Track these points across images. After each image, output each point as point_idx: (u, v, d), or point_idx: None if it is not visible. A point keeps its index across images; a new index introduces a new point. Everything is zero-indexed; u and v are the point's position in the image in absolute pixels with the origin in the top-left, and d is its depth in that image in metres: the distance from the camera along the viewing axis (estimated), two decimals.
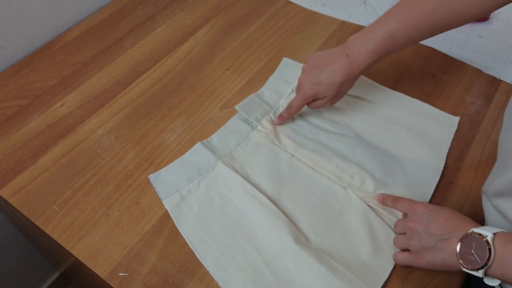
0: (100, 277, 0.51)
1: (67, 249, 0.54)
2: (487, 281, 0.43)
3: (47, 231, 0.55)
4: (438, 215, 0.48)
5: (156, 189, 0.58)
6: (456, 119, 0.67)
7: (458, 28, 0.83)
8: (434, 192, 0.59)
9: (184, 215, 0.55)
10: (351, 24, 0.84)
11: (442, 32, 0.56)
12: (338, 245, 0.53)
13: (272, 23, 0.84)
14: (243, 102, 0.67)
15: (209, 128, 0.66)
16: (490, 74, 0.74)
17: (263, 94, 0.70)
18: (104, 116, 0.68)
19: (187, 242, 0.53)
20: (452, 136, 0.65)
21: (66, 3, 0.81)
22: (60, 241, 0.54)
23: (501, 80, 0.74)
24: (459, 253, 0.44)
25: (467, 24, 0.85)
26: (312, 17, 0.86)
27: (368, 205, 0.57)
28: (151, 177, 0.59)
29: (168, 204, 0.56)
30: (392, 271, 0.52)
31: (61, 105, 0.69)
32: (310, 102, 0.62)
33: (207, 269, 0.51)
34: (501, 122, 0.67)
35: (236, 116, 0.66)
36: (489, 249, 0.41)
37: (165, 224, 0.56)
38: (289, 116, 0.64)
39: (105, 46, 0.79)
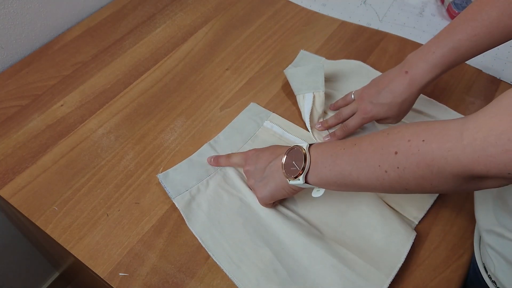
0: (100, 277, 0.51)
1: (67, 249, 0.54)
2: (314, 194, 0.49)
3: (47, 231, 0.55)
4: (265, 151, 0.54)
5: (165, 188, 0.58)
6: None
7: None
8: None
9: (195, 213, 0.56)
10: (351, 24, 0.84)
11: (509, 40, 0.53)
12: (350, 235, 0.54)
13: (272, 23, 0.84)
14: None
15: (209, 128, 0.66)
16: (490, 74, 0.74)
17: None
18: (104, 116, 0.68)
19: (199, 240, 0.54)
20: None
21: (66, 3, 0.81)
22: (60, 241, 0.54)
23: (501, 80, 0.74)
24: (284, 165, 0.48)
25: None
26: (312, 17, 0.86)
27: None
28: (160, 176, 0.59)
29: (178, 203, 0.56)
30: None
31: (61, 105, 0.69)
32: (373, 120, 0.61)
33: (221, 266, 0.51)
34: None
35: (241, 115, 0.67)
36: (305, 156, 0.46)
37: (165, 224, 0.56)
38: (344, 135, 0.62)
39: (105, 46, 0.79)
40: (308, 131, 0.64)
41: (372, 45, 0.80)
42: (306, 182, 0.47)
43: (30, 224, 0.59)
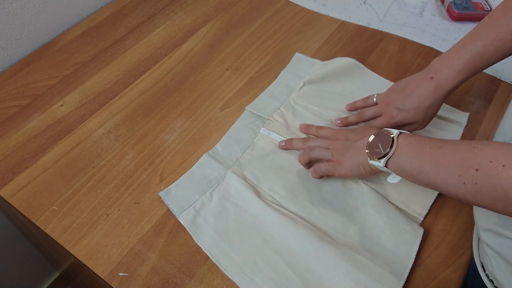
0: (100, 277, 0.51)
1: (67, 249, 0.54)
2: (390, 179, 0.51)
3: (47, 231, 0.55)
4: (356, 130, 0.58)
5: (168, 206, 0.57)
6: (466, 115, 0.68)
7: (458, 28, 0.84)
8: None
9: (202, 229, 0.55)
10: (351, 24, 0.84)
11: None
12: (359, 238, 0.54)
13: (272, 23, 0.84)
14: (253, 103, 0.69)
15: (209, 128, 0.66)
16: (490, 74, 0.74)
17: (274, 90, 0.71)
18: (104, 116, 0.68)
19: (209, 256, 0.53)
20: (461, 132, 0.65)
21: (66, 3, 0.81)
22: (60, 241, 0.54)
23: (501, 80, 0.74)
24: (369, 144, 0.51)
25: (467, 24, 0.85)
26: (312, 17, 0.86)
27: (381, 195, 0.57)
28: (162, 194, 0.58)
29: (184, 220, 0.55)
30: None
31: (61, 105, 0.69)
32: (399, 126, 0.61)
33: (234, 281, 0.51)
34: (501, 122, 0.68)
35: (237, 124, 0.66)
36: (392, 142, 0.48)
37: (165, 224, 0.56)
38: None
39: (105, 46, 0.79)
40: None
41: (372, 45, 0.80)
42: (385, 166, 0.49)
43: (30, 224, 0.59)
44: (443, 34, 0.83)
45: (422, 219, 0.56)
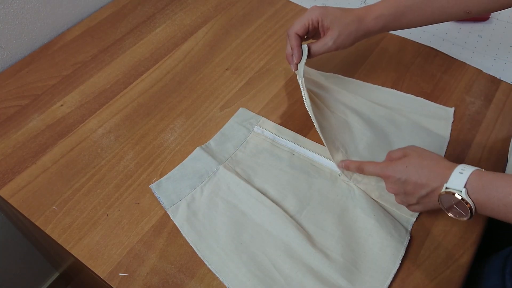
0: (100, 277, 0.51)
1: (67, 249, 0.54)
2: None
3: (47, 231, 0.55)
4: (409, 176, 0.49)
5: (159, 199, 0.57)
6: (451, 110, 0.68)
7: (458, 28, 0.84)
8: None
9: (190, 223, 0.55)
10: None
11: (430, 24, 0.62)
12: (346, 239, 0.54)
13: (272, 23, 0.84)
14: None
15: (209, 128, 0.66)
16: (490, 74, 0.74)
17: None
18: (104, 116, 0.68)
19: (195, 250, 0.53)
20: (449, 128, 0.66)
21: (66, 3, 0.81)
22: (60, 241, 0.54)
23: (501, 80, 0.73)
24: (445, 209, 0.47)
25: (467, 24, 0.85)
26: None
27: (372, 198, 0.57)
28: (153, 186, 0.58)
29: (173, 214, 0.56)
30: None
31: (61, 105, 0.69)
32: (313, 40, 0.64)
33: (218, 276, 0.51)
34: (501, 122, 0.68)
35: (232, 120, 0.66)
36: (469, 207, 0.44)
37: (165, 224, 0.56)
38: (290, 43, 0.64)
39: (105, 46, 0.79)
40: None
41: (372, 45, 0.80)
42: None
43: (30, 224, 0.59)
44: (443, 34, 0.83)
45: (414, 219, 0.56)
